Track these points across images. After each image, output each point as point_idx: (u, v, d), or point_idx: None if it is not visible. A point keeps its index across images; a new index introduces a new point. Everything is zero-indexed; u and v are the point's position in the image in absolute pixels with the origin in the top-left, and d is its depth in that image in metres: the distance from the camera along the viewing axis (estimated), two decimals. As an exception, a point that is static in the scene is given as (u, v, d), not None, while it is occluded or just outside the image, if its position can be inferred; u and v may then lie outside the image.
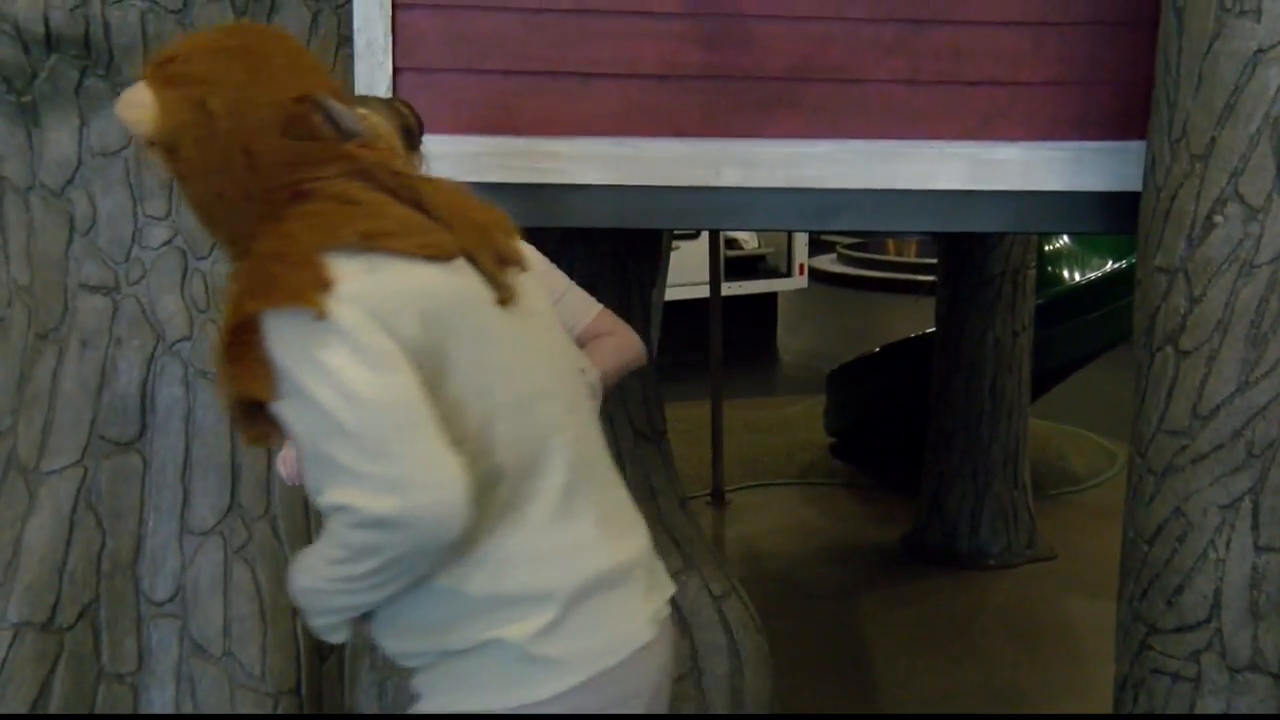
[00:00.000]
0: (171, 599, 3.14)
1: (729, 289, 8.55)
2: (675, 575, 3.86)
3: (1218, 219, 2.69)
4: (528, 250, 2.00)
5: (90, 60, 3.00)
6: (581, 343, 2.30)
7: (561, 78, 3.20)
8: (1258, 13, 2.61)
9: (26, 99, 3.04)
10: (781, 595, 5.33)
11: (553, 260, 3.72)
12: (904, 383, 6.66)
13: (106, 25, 2.96)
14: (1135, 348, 2.98)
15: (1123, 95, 3.26)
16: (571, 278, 3.74)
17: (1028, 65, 3.28)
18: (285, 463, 2.24)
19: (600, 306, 2.43)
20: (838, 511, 6.56)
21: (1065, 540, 5.91)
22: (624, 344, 2.40)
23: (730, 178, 3.26)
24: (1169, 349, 2.80)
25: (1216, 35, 2.68)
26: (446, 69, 3.17)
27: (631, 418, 3.93)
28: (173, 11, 3.01)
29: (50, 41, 2.97)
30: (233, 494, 3.15)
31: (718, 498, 6.56)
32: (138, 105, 1.74)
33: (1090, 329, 6.54)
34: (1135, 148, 3.16)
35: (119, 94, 1.82)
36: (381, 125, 2.29)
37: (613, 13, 3.18)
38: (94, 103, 3.03)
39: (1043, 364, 6.09)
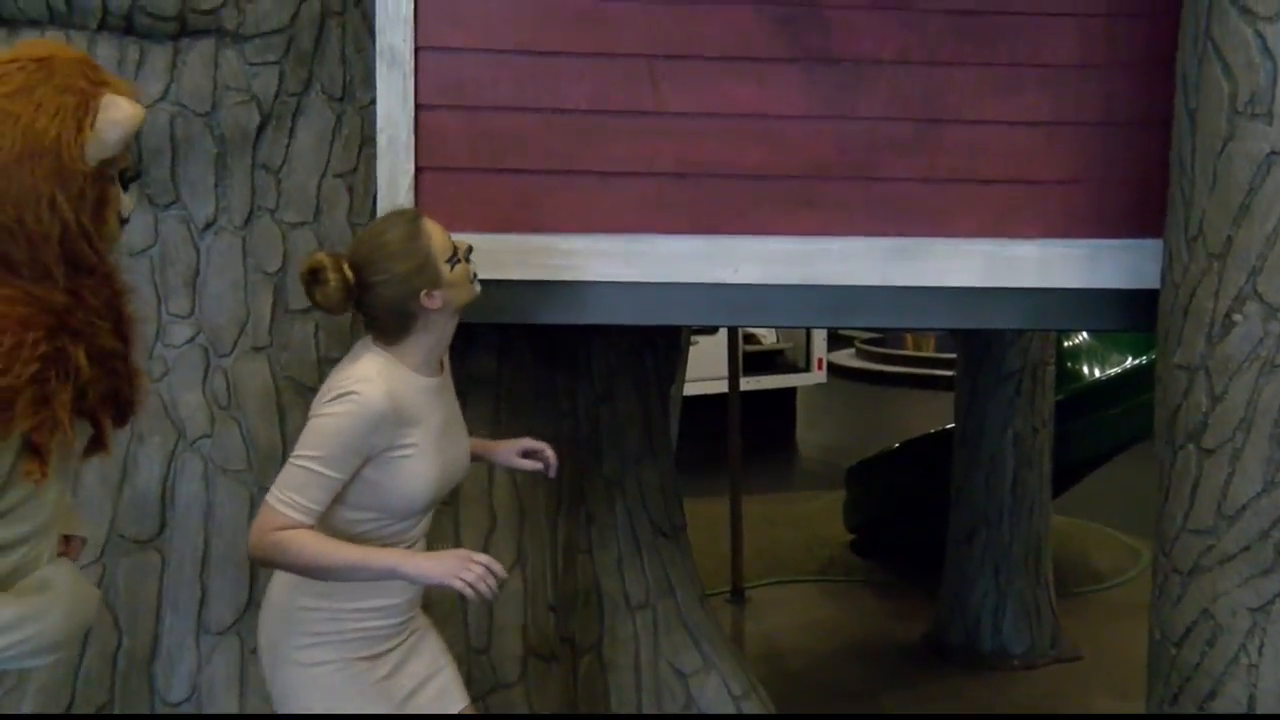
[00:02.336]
0: (187, 699, 3.11)
1: (747, 384, 8.54)
2: (694, 674, 3.87)
3: (1237, 317, 2.69)
4: None
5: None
6: None
7: (580, 176, 3.24)
8: (1269, 115, 2.64)
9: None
10: (802, 694, 5.24)
11: (571, 356, 3.75)
12: (924, 478, 6.61)
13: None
14: (1157, 445, 2.96)
15: (1138, 193, 3.29)
16: (591, 373, 3.78)
17: (1043, 163, 3.31)
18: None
19: None
20: (858, 609, 6.47)
21: (1090, 639, 5.81)
22: None
23: (748, 274, 3.28)
24: (1191, 447, 2.78)
25: (1230, 136, 2.70)
26: (467, 167, 3.21)
27: (650, 513, 3.91)
28: (200, 114, 3.07)
29: (83, 144, 3.03)
30: (251, 592, 3.13)
31: (737, 594, 6.49)
32: None
33: (1111, 425, 6.50)
34: (1152, 245, 3.17)
35: (148, 195, 1.83)
36: None
37: (631, 112, 3.23)
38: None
39: (1064, 460, 6.05)
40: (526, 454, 2.79)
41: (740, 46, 3.23)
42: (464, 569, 2.29)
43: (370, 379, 2.40)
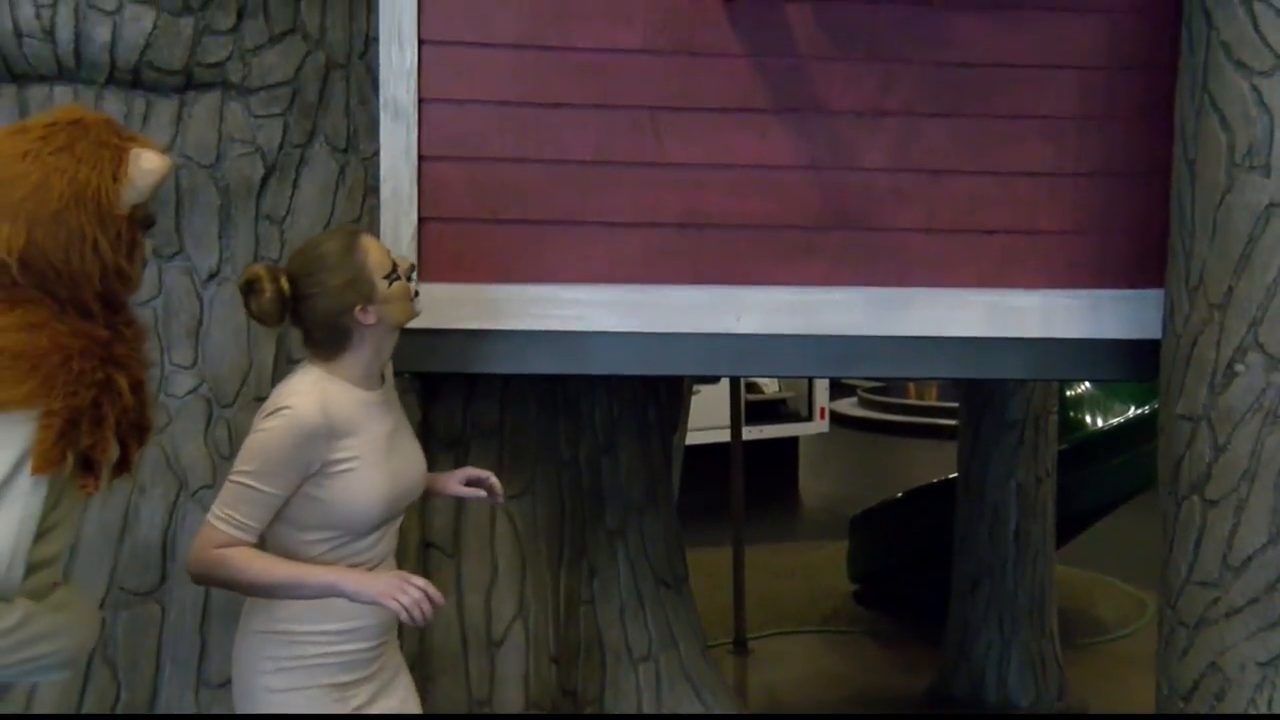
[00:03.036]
0: (184, 753, 3.08)
1: (750, 433, 8.54)
2: (697, 728, 3.84)
3: (1239, 368, 2.69)
4: None
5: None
6: None
7: (583, 226, 3.26)
8: (1266, 168, 2.65)
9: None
10: (806, 748, 5.19)
11: (574, 406, 3.75)
12: (928, 528, 6.59)
13: (142, 179, 3.05)
14: (1161, 495, 2.95)
15: (1138, 244, 3.30)
16: (593, 423, 3.77)
17: (1044, 214, 3.33)
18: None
19: None
20: (862, 660, 6.42)
21: (1096, 691, 5.76)
22: None
23: (751, 324, 3.29)
24: (1195, 498, 2.77)
25: (1229, 188, 2.71)
26: (470, 218, 3.23)
27: (653, 564, 3.90)
28: (205, 166, 3.09)
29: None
30: (249, 643, 3.11)
31: (740, 645, 6.45)
32: None
33: (1114, 475, 6.48)
34: (1153, 296, 3.18)
35: (153, 247, 1.89)
36: None
37: (633, 163, 3.25)
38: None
39: (1067, 510, 6.03)
40: (470, 483, 2.75)
41: (742, 98, 3.26)
42: (401, 590, 2.30)
43: (302, 393, 2.41)
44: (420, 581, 2.32)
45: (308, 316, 2.46)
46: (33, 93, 3.06)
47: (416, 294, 2.57)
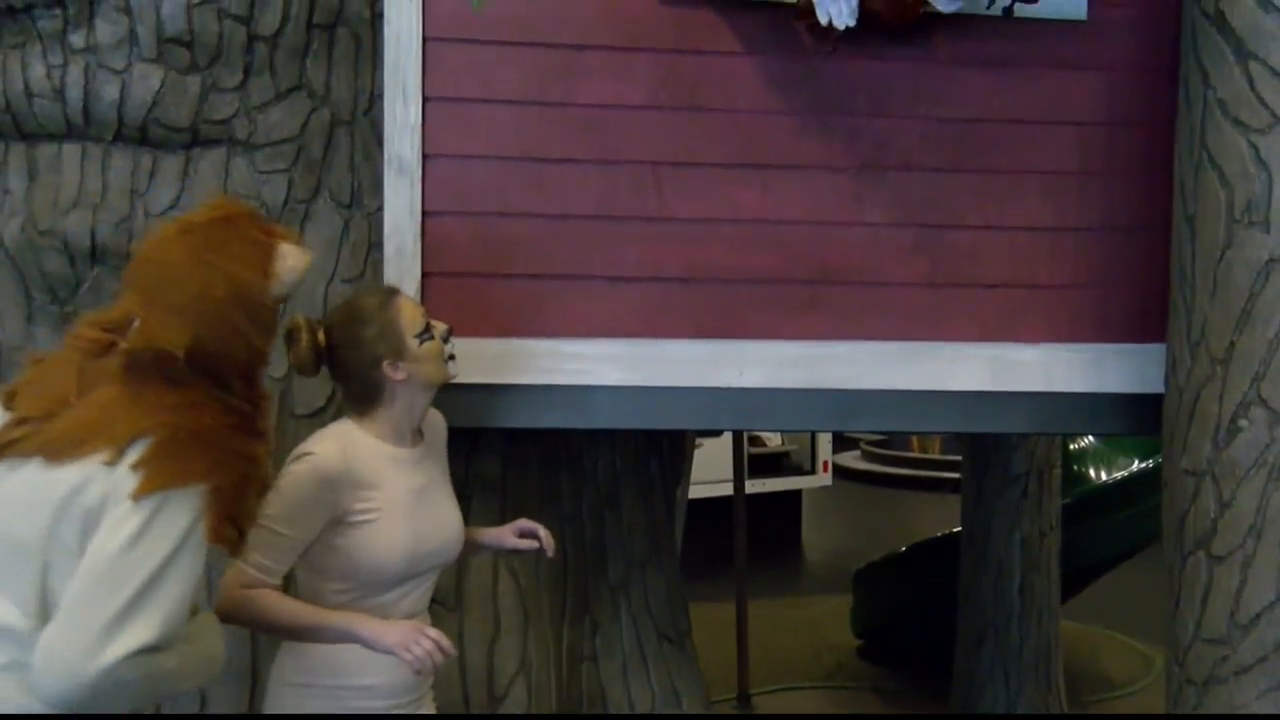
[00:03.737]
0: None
1: (753, 486, 8.49)
2: (700, 786, 3.79)
3: (1243, 422, 2.69)
4: None
5: (131, 269, 3.09)
6: None
7: (586, 280, 3.27)
8: (1266, 223, 2.66)
9: (70, 309, 3.13)
10: (810, 805, 5.13)
11: (576, 460, 3.74)
12: (932, 583, 6.55)
13: (148, 236, 3.08)
14: (1166, 551, 2.93)
15: (1140, 298, 3.31)
16: (596, 477, 3.77)
17: (1046, 268, 3.34)
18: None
19: None
20: (867, 715, 6.36)
21: (1103, 749, 5.70)
22: None
23: (753, 378, 3.29)
24: (1201, 553, 2.76)
25: (1228, 244, 2.72)
26: (473, 273, 3.24)
27: (655, 620, 3.87)
28: (212, 220, 3.11)
29: (95, 253, 3.08)
30: (251, 701, 3.09)
31: (744, 701, 6.39)
32: None
33: (1119, 529, 6.45)
34: (1155, 350, 3.19)
35: None
36: None
37: (636, 218, 3.27)
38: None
39: (1072, 564, 5.99)
40: (523, 534, 2.77)
41: (744, 153, 3.28)
42: (414, 641, 2.34)
43: (326, 440, 2.49)
44: (434, 633, 2.36)
45: (341, 368, 2.54)
46: (41, 150, 3.10)
47: (452, 357, 2.61)
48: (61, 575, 1.95)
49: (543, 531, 2.75)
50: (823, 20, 2.95)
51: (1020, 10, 2.93)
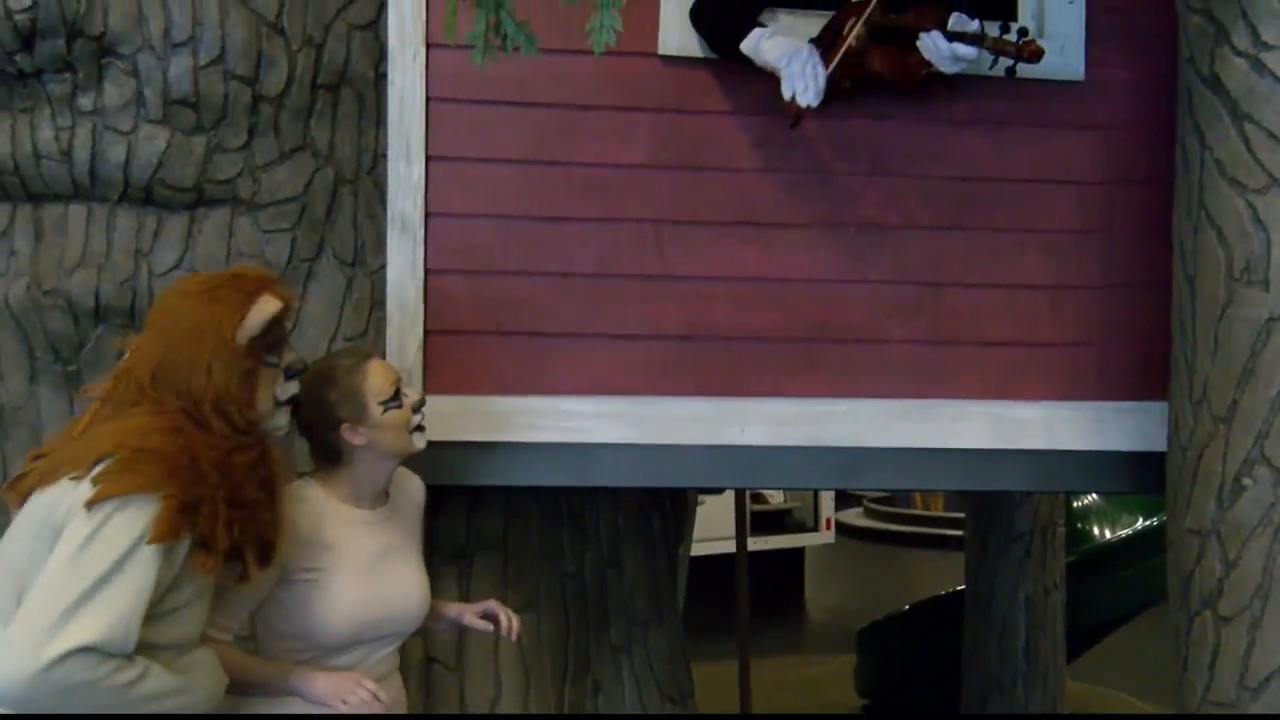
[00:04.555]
0: None
1: (755, 544, 8.46)
2: None
3: (1246, 481, 2.68)
4: None
5: (134, 328, 3.10)
6: None
7: (587, 338, 3.27)
8: (1265, 283, 2.67)
9: (72, 368, 3.13)
10: None
11: (578, 518, 3.72)
12: (936, 642, 6.50)
13: (152, 295, 3.08)
14: (1172, 611, 2.91)
15: (1141, 356, 3.31)
16: (598, 536, 3.75)
17: (1046, 326, 3.35)
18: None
19: None
20: (871, 778, 6.29)
21: (1111, 811, 5.63)
22: None
23: (755, 436, 3.29)
24: (1208, 614, 2.73)
25: (1228, 302, 2.73)
26: (476, 331, 3.24)
27: (658, 680, 3.84)
28: (214, 277, 3.12)
29: (99, 313, 3.09)
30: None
31: (747, 761, 6.32)
32: None
33: (1124, 588, 6.42)
34: (1157, 408, 3.18)
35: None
36: None
37: (637, 276, 3.28)
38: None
39: (1077, 623, 5.95)
40: (486, 615, 2.72)
41: (744, 211, 3.30)
42: (350, 691, 2.37)
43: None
44: (370, 685, 2.39)
45: (304, 426, 2.53)
46: (48, 211, 3.12)
47: (420, 428, 2.57)
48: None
49: (505, 617, 2.68)
50: (785, 95, 2.97)
51: (1022, 70, 2.96)
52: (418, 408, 2.57)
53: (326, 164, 3.28)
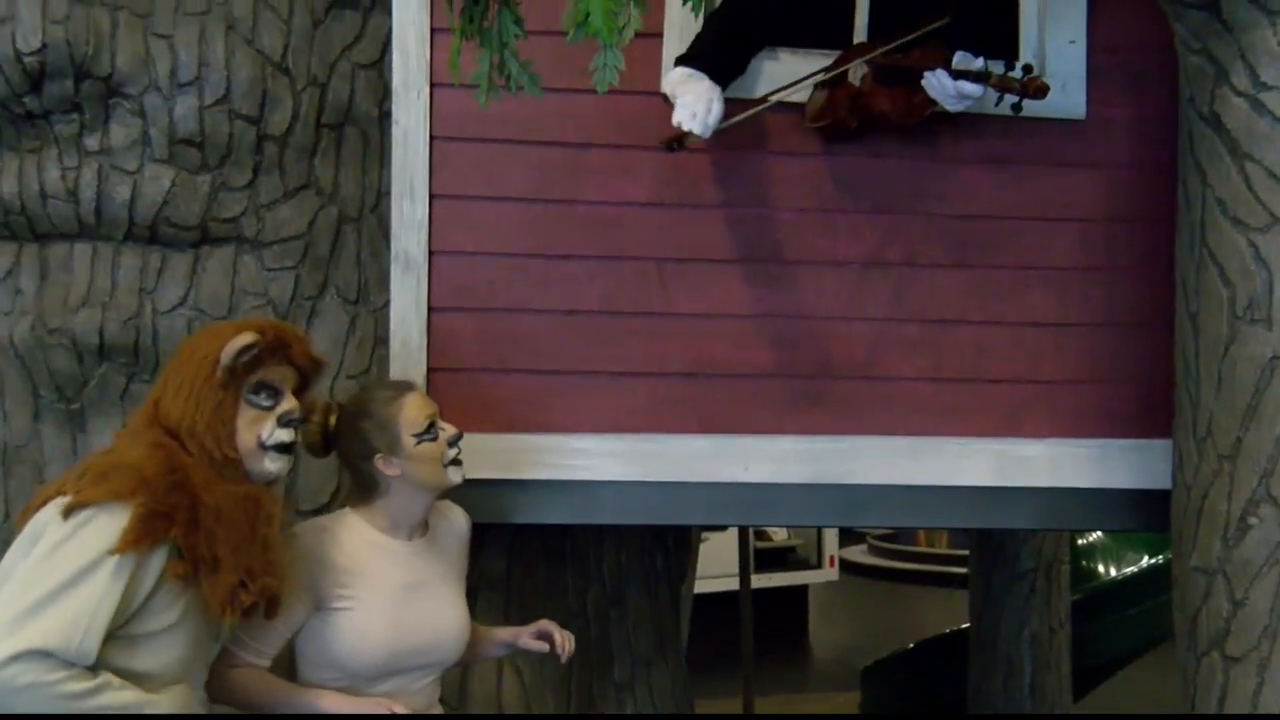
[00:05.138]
0: None
1: (759, 581, 8.43)
2: None
3: (1252, 520, 2.66)
4: None
5: (138, 366, 3.11)
6: None
7: (590, 376, 3.27)
8: (1268, 321, 2.66)
9: (75, 406, 3.13)
10: None
11: (582, 556, 3.71)
12: (941, 680, 6.46)
13: (155, 333, 3.10)
14: (1178, 650, 2.89)
15: (1145, 393, 3.30)
16: (601, 574, 3.74)
17: (1050, 363, 3.34)
18: None
19: None
20: (876, 818, 6.24)
21: None
22: None
23: (759, 473, 3.28)
24: (1215, 654, 2.71)
25: (1231, 340, 2.72)
26: (479, 368, 3.25)
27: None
28: (218, 318, 3.13)
29: (103, 351, 3.10)
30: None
31: (750, 802, 6.28)
32: None
33: (1130, 626, 6.39)
34: (1161, 445, 3.17)
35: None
36: None
37: (640, 313, 3.28)
38: (138, 406, 3.11)
39: (1083, 662, 5.91)
40: (540, 635, 2.73)
41: (748, 249, 3.30)
42: (377, 715, 2.40)
43: (311, 523, 2.56)
44: (400, 709, 2.40)
45: (341, 455, 2.59)
46: (53, 250, 3.14)
47: (456, 462, 2.59)
48: None
49: (559, 635, 2.69)
50: (674, 121, 2.96)
51: (1027, 107, 2.98)
52: (453, 441, 2.59)
53: (330, 202, 3.29)
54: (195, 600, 2.19)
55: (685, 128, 2.93)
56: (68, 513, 2.07)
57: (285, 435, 2.35)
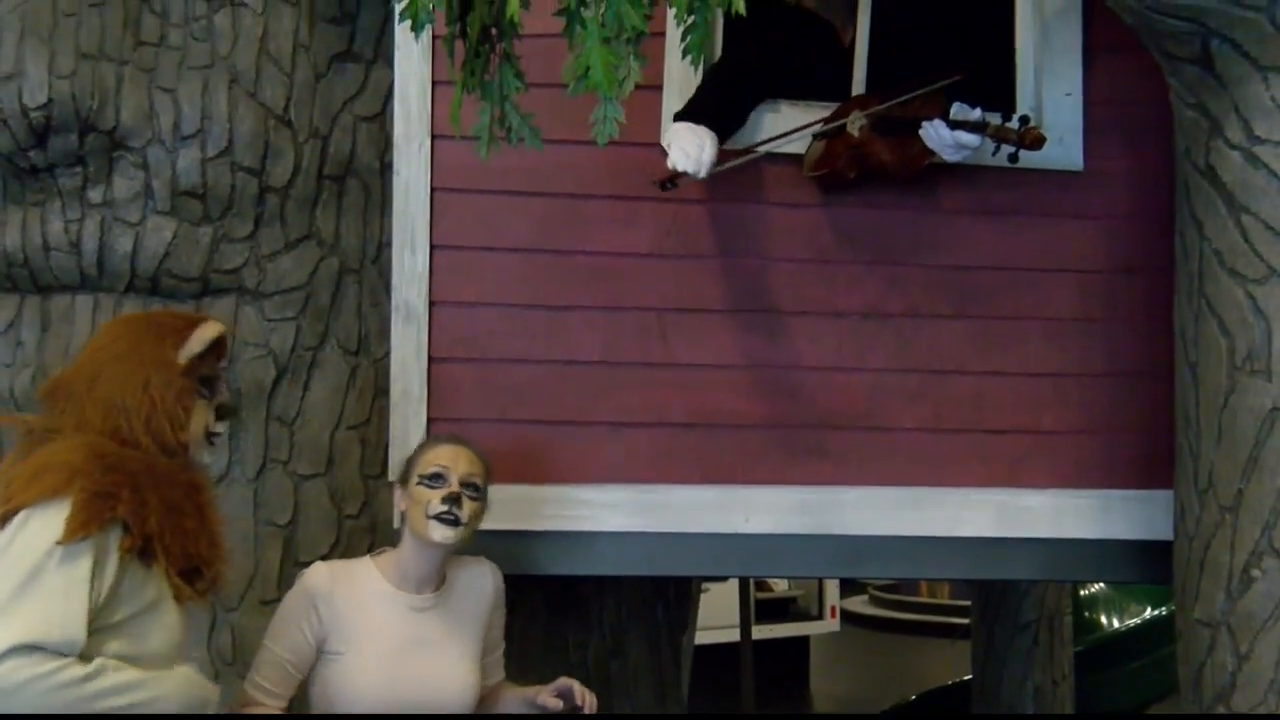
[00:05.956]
0: None
1: (760, 632, 8.39)
2: None
3: (1255, 573, 2.65)
4: None
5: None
6: None
7: (591, 426, 3.27)
8: (1268, 372, 2.66)
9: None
10: None
11: (582, 607, 3.69)
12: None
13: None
14: (1183, 704, 2.86)
15: (1145, 444, 3.30)
16: (602, 625, 3.72)
17: (1051, 413, 3.34)
18: None
19: None
20: None
21: None
22: None
23: (760, 524, 3.27)
24: (1221, 709, 2.68)
25: (1231, 391, 2.72)
26: (479, 418, 3.24)
27: (661, 772, 3.78)
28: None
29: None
30: None
31: None
32: None
33: (1135, 679, 6.34)
34: (1163, 496, 3.16)
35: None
36: None
37: (641, 363, 3.28)
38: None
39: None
40: (559, 693, 2.68)
41: (748, 299, 3.31)
42: None
43: (325, 562, 2.63)
44: None
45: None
46: (55, 302, 3.14)
47: (440, 518, 2.55)
48: None
49: (580, 693, 2.63)
50: (668, 163, 2.98)
51: (1024, 158, 3.00)
52: (446, 498, 2.56)
53: (332, 253, 3.30)
54: (165, 578, 2.17)
55: (680, 168, 2.95)
56: (2, 522, 2.03)
57: (222, 426, 2.36)
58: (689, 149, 2.94)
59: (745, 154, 3.13)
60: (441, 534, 2.55)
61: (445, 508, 2.55)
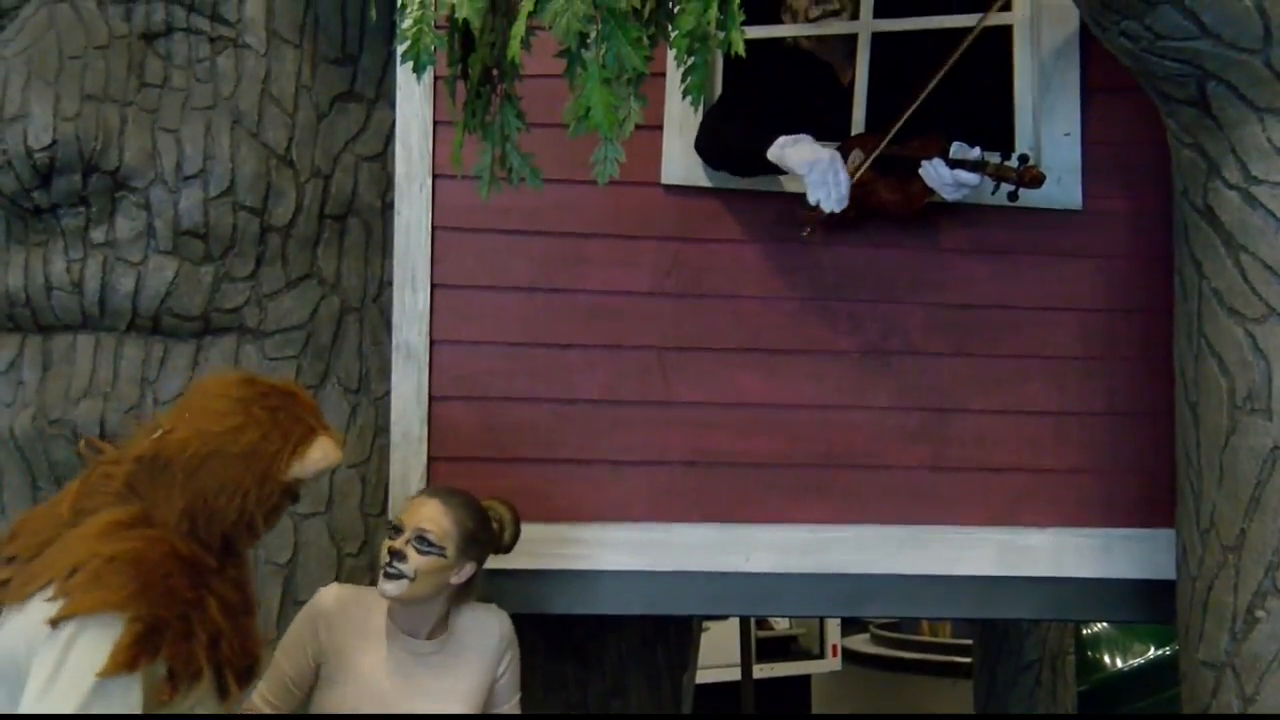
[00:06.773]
0: None
1: (760, 671, 8.34)
2: None
3: (1260, 613, 2.63)
4: None
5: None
6: None
7: (591, 465, 3.27)
8: (1268, 411, 2.66)
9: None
10: None
11: (582, 647, 3.67)
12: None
13: (155, 424, 3.11)
14: (1189, 747, 2.84)
15: (1147, 483, 3.29)
16: (602, 665, 3.70)
17: (1051, 452, 3.33)
18: None
19: None
20: None
21: None
22: None
23: (760, 563, 3.26)
24: (1228, 752, 2.67)
25: (1232, 430, 2.72)
26: (479, 458, 3.24)
27: (662, 813, 3.75)
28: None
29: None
30: None
31: None
32: None
33: None
34: (1164, 536, 3.15)
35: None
36: None
37: (641, 402, 3.28)
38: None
39: (1091, 755, 5.83)
40: None
41: (748, 338, 3.31)
42: None
43: (358, 589, 2.65)
44: None
45: None
46: (56, 342, 3.15)
47: (386, 570, 2.52)
48: None
49: None
50: (810, 201, 3.00)
51: (1024, 197, 3.00)
52: (391, 550, 2.53)
53: (333, 292, 3.31)
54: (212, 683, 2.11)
55: (825, 209, 2.97)
56: (55, 623, 1.93)
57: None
58: (829, 186, 2.95)
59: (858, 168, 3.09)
60: (382, 586, 2.52)
61: (388, 559, 2.52)
